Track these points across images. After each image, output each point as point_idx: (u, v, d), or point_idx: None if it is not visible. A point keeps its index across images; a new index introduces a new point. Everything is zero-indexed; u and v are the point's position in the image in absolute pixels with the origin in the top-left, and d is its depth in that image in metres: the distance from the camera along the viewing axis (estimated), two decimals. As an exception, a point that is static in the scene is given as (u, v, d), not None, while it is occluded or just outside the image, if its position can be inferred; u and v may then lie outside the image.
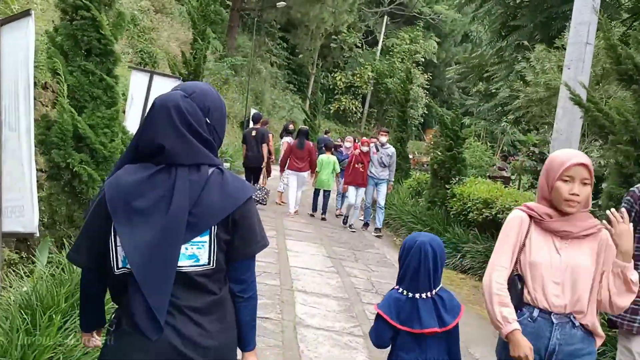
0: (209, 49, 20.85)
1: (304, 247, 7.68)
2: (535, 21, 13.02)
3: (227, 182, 1.73)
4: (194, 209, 1.66)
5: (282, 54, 31.92)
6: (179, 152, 1.67)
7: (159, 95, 1.75)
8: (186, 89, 1.75)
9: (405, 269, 2.39)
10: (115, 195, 1.66)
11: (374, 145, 9.68)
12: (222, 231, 1.70)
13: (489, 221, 7.75)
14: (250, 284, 1.81)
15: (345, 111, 35.67)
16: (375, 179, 9.68)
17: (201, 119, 1.72)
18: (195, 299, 1.69)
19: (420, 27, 38.78)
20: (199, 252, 1.68)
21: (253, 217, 1.78)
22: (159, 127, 1.67)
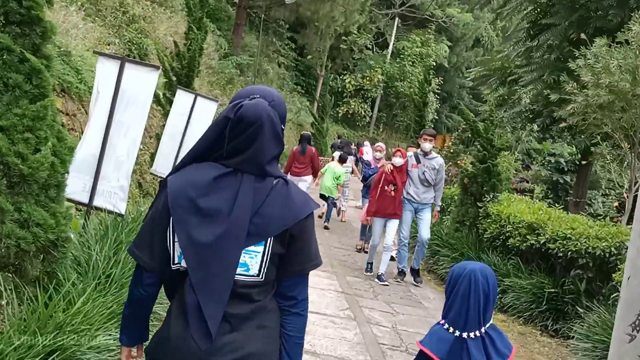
0: (214, 45, 19.68)
1: (313, 278, 6.37)
2: (570, 19, 11.69)
3: (291, 194, 1.70)
4: (254, 217, 1.63)
5: (290, 54, 30.68)
6: (253, 163, 1.66)
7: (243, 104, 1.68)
8: (265, 96, 1.72)
9: (452, 302, 2.16)
10: (178, 192, 1.65)
11: (413, 156, 7.16)
12: (278, 244, 1.67)
13: (534, 250, 6.47)
14: (301, 301, 1.76)
15: (354, 115, 34.47)
16: (414, 203, 7.06)
17: (280, 128, 1.72)
18: (238, 307, 1.64)
19: (432, 30, 37.62)
20: (251, 261, 1.64)
21: (311, 234, 1.75)
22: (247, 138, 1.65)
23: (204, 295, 1.60)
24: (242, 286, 1.64)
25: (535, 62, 12.62)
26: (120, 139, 4.90)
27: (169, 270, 1.70)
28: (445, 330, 2.14)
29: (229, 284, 1.61)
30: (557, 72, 11.83)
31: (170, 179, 1.70)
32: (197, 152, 1.73)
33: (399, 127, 39.07)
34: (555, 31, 11.94)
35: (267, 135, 1.67)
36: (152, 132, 9.53)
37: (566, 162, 18.32)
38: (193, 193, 1.63)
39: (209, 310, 1.59)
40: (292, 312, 1.73)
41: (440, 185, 7.18)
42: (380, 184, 6.92)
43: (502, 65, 15.05)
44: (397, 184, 6.88)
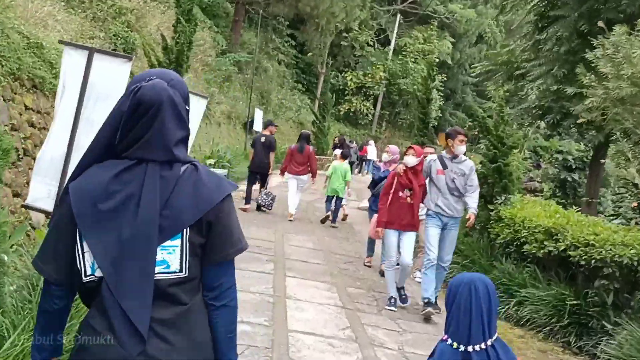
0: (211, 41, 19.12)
1: (310, 290, 5.84)
2: (580, 10, 11.12)
3: (202, 179, 1.58)
4: (164, 210, 1.51)
5: (290, 52, 30.07)
6: (156, 147, 1.52)
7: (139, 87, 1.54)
8: (162, 76, 1.58)
9: (454, 316, 2.07)
10: (80, 198, 1.52)
11: (438, 160, 5.84)
12: (195, 234, 1.55)
13: (553, 257, 5.90)
14: (225, 291, 1.63)
15: (356, 113, 33.88)
16: (445, 217, 5.73)
17: (184, 108, 1.60)
18: (163, 310, 1.52)
19: (434, 27, 37.02)
20: (170, 257, 1.53)
21: (230, 218, 1.63)
22: (145, 121, 1.52)
23: (127, 301, 1.49)
24: (167, 285, 1.53)
25: (544, 56, 12.04)
26: (89, 138, 4.33)
27: (81, 284, 1.56)
28: (450, 347, 2.07)
29: (150, 285, 1.50)
30: (568, 66, 11.28)
31: (71, 185, 1.56)
32: (96, 150, 1.59)
33: (402, 125, 38.47)
34: (564, 23, 11.37)
35: (168, 116, 1.54)
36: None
37: (574, 160, 17.75)
38: (96, 197, 1.51)
39: (135, 316, 1.48)
40: (217, 306, 1.62)
41: (473, 191, 5.83)
42: (392, 188, 5.74)
43: (508, 60, 14.48)
44: (413, 187, 5.69)
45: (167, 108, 1.54)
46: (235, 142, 19.80)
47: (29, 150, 5.40)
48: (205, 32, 17.58)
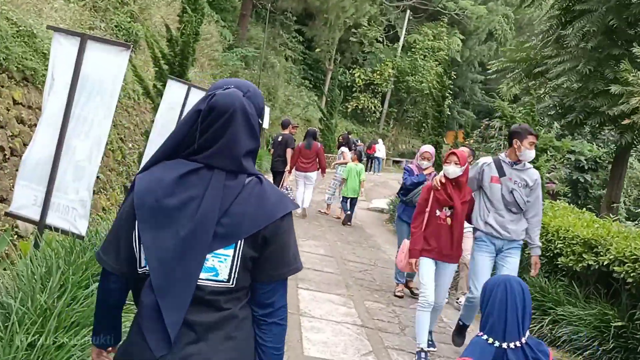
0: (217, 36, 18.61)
1: (325, 305, 5.32)
2: (608, 4, 10.52)
3: (265, 194, 1.59)
4: (223, 217, 1.52)
5: (298, 47, 29.52)
6: (225, 155, 1.55)
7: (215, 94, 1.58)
8: (240, 87, 1.61)
9: (490, 313, 2.14)
10: (145, 191, 1.55)
11: (493, 165, 4.52)
12: (249, 247, 1.54)
13: (592, 272, 5.37)
14: (279, 309, 1.62)
15: (364, 110, 33.32)
16: (497, 240, 4.44)
17: (257, 120, 1.62)
18: (204, 314, 1.52)
19: (444, 23, 36.41)
20: (220, 266, 1.53)
21: (287, 236, 1.62)
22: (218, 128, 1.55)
23: (165, 300, 1.49)
24: (210, 292, 1.53)
25: (568, 52, 11.46)
26: (81, 138, 3.84)
27: (135, 275, 1.59)
28: (484, 341, 2.10)
29: (191, 290, 1.49)
30: (594, 62, 10.71)
31: (138, 177, 1.61)
32: (168, 148, 1.62)
33: (410, 123, 37.90)
34: (591, 18, 10.78)
35: (240, 126, 1.56)
36: (142, 128, 8.49)
37: (587, 160, 17.18)
38: (159, 192, 1.53)
39: (169, 317, 1.48)
40: (268, 322, 1.61)
41: (537, 212, 4.55)
42: (427, 206, 4.47)
43: (527, 57, 13.90)
44: (454, 205, 4.40)
45: (239, 117, 1.55)
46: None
47: (17, 150, 4.91)
48: (212, 26, 17.07)
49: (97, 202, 6.58)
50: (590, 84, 10.68)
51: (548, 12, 12.77)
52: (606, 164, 17.54)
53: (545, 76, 13.27)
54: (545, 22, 13.35)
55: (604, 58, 10.83)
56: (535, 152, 6.32)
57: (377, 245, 9.05)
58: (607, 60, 10.80)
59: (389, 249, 8.88)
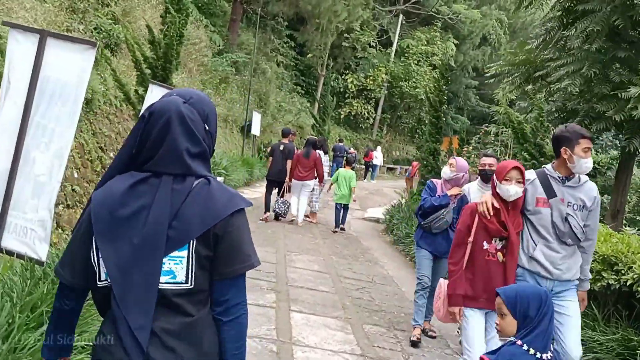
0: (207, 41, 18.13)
1: (321, 331, 4.83)
2: (613, 3, 10.12)
3: (213, 194, 1.64)
4: (174, 221, 1.58)
5: (290, 53, 29.06)
6: (169, 161, 1.61)
7: (156, 101, 1.67)
8: (183, 95, 1.69)
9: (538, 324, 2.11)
10: (99, 205, 1.61)
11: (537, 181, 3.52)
12: (202, 246, 1.59)
13: (612, 292, 4.92)
14: (234, 306, 1.65)
15: (357, 116, 32.91)
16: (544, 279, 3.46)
17: (201, 125, 1.68)
18: (169, 320, 1.56)
19: (438, 28, 36.16)
20: (176, 267, 1.57)
21: (239, 233, 1.66)
22: (157, 135, 1.60)
23: (128, 307, 1.53)
24: (173, 295, 1.57)
25: (570, 55, 11.05)
26: (41, 150, 3.35)
27: (96, 288, 1.64)
28: (525, 351, 2.09)
29: (153, 294, 1.54)
30: (599, 65, 10.32)
31: (94, 193, 1.66)
32: (120, 162, 1.69)
33: (404, 130, 37.54)
34: (595, 18, 10.38)
35: (177, 130, 1.61)
36: (124, 137, 7.99)
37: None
38: (112, 204, 1.59)
39: (135, 323, 1.52)
40: (225, 321, 1.64)
41: (592, 238, 3.62)
42: (470, 235, 3.45)
43: (526, 60, 13.51)
44: (509, 235, 3.38)
45: (175, 121, 1.60)
46: (232, 147, 18.80)
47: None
48: (200, 30, 16.60)
49: (72, 217, 6.07)
50: (595, 88, 10.27)
51: (549, 13, 12.40)
52: (605, 170, 17.17)
53: (546, 80, 12.89)
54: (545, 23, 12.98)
55: (608, 60, 10.43)
56: (546, 160, 5.86)
57: (374, 259, 8.58)
58: (612, 63, 10.41)
59: (386, 263, 8.42)
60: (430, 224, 4.95)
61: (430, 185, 5.15)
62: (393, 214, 11.65)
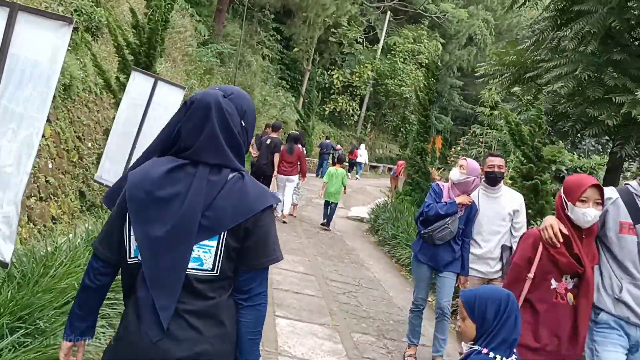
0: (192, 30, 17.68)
1: (308, 340, 4.55)
2: (610, 4, 9.95)
3: (246, 188, 1.70)
4: (207, 211, 1.63)
5: (276, 46, 28.61)
6: (208, 150, 1.67)
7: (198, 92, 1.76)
8: (224, 90, 1.76)
9: (501, 328, 1.98)
10: (135, 185, 1.67)
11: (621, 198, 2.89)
12: (232, 239, 1.66)
13: None
14: (255, 295, 1.73)
15: (341, 113, 32.62)
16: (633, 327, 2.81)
17: (237, 120, 1.74)
18: (193, 302, 1.63)
19: (425, 26, 36.04)
20: (205, 256, 1.64)
21: (267, 228, 1.72)
22: (197, 124, 1.68)
23: (155, 287, 1.60)
24: (197, 281, 1.63)
25: (564, 56, 10.87)
26: (7, 138, 3.01)
27: (125, 265, 1.70)
28: (491, 359, 1.96)
29: (180, 278, 1.61)
30: (593, 67, 10.16)
31: (130, 172, 1.71)
32: (158, 145, 1.76)
33: (388, 128, 37.39)
34: (590, 19, 10.19)
35: (216, 123, 1.68)
36: (104, 126, 7.59)
37: (567, 170, 16.79)
38: (149, 186, 1.64)
39: (160, 302, 1.59)
40: (245, 306, 1.71)
41: None
42: (531, 271, 2.79)
43: (517, 60, 13.33)
44: (584, 272, 2.74)
45: (214, 113, 1.68)
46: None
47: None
48: (186, 19, 16.15)
49: (44, 211, 5.70)
50: (587, 91, 10.11)
51: (539, 15, 12.23)
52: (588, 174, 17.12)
53: (536, 82, 12.73)
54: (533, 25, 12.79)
55: (602, 64, 10.27)
56: (543, 163, 5.62)
57: (359, 260, 8.32)
58: (606, 66, 10.25)
59: (372, 265, 8.17)
60: (432, 233, 4.30)
61: (436, 189, 4.48)
62: (378, 213, 11.40)
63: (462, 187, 4.32)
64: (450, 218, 4.27)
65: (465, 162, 4.35)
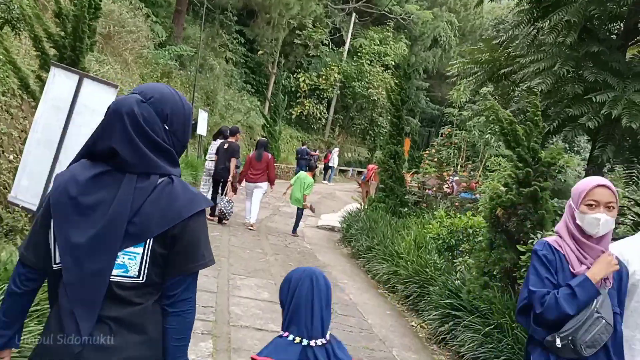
0: (147, 30, 16.54)
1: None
2: (590, -5, 9.32)
3: (175, 193, 1.65)
4: (134, 217, 1.60)
5: (239, 49, 27.58)
6: (130, 160, 1.62)
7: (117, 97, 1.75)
8: (145, 93, 1.69)
9: (295, 309, 1.96)
10: (60, 190, 1.64)
11: None
12: (158, 245, 1.63)
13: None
14: (181, 301, 1.69)
15: (309, 116, 31.80)
16: None
17: (158, 126, 1.67)
18: (117, 309, 1.60)
19: (390, 28, 35.61)
20: (130, 263, 1.61)
21: (196, 234, 1.69)
22: (112, 133, 1.63)
23: (75, 296, 1.56)
24: (122, 288, 1.60)
25: (542, 50, 10.22)
26: None
27: (51, 271, 1.66)
28: (290, 341, 1.92)
29: (103, 286, 1.57)
30: (572, 62, 9.51)
31: (57, 175, 1.69)
32: (86, 148, 1.71)
33: (356, 131, 36.70)
34: (571, 9, 9.52)
35: (131, 131, 1.62)
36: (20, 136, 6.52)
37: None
38: (74, 191, 1.61)
39: (80, 312, 1.55)
40: (170, 312, 1.67)
41: None
42: None
43: (491, 57, 12.68)
44: None
45: (127, 121, 1.61)
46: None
47: None
48: (139, 18, 15.04)
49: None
50: (567, 88, 9.45)
51: (518, 6, 11.57)
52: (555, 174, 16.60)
53: (510, 79, 12.10)
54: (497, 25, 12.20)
55: (581, 57, 9.62)
56: (541, 167, 4.93)
57: (333, 279, 7.42)
58: (585, 60, 9.61)
59: (347, 284, 7.29)
60: (575, 338, 2.32)
61: (548, 256, 2.49)
62: (351, 222, 10.54)
63: (600, 242, 2.46)
64: (595, 303, 2.37)
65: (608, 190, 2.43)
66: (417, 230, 7.96)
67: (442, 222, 7.31)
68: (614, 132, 9.46)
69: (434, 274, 6.29)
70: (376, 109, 34.73)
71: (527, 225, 5.10)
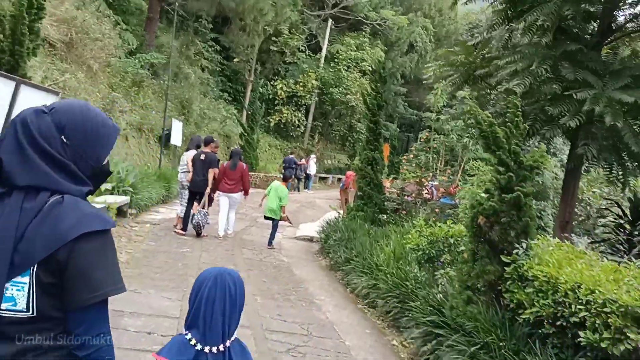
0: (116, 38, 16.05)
1: None
2: (565, -6, 9.09)
3: (63, 214, 1.47)
4: (20, 243, 1.44)
5: (215, 57, 27.13)
6: (15, 169, 1.49)
7: None
8: (52, 106, 1.60)
9: (197, 308, 1.87)
10: None
11: None
12: (43, 273, 1.44)
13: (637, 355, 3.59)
14: (85, 342, 1.48)
15: (287, 124, 31.40)
16: None
17: (54, 137, 1.54)
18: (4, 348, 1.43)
19: (367, 33, 35.52)
20: (18, 294, 1.43)
21: (87, 258, 1.48)
22: (9, 145, 1.52)
23: None
24: (9, 323, 1.43)
25: (517, 52, 9.98)
26: None
27: None
28: (187, 341, 1.84)
29: None
30: (549, 62, 9.27)
31: None
32: None
33: (335, 137, 36.40)
34: (545, 10, 9.32)
35: (24, 141, 1.50)
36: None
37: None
38: None
39: None
40: (79, 356, 1.49)
41: None
42: None
43: (466, 59, 12.44)
44: None
45: (18, 129, 1.52)
46: (150, 159, 16.78)
47: None
48: (105, 25, 14.54)
49: None
50: (545, 87, 9.20)
51: (491, 6, 11.36)
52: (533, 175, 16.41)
53: (487, 81, 11.84)
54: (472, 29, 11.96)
55: (559, 56, 9.38)
56: (523, 171, 4.61)
57: (309, 296, 7.01)
58: (563, 59, 9.38)
59: (324, 300, 6.89)
60: None
61: None
62: (329, 233, 10.15)
63: None
64: None
65: None
66: (397, 240, 7.59)
67: (421, 232, 6.95)
68: (594, 131, 9.23)
69: (414, 288, 5.92)
70: (355, 115, 34.50)
71: (511, 234, 4.76)
